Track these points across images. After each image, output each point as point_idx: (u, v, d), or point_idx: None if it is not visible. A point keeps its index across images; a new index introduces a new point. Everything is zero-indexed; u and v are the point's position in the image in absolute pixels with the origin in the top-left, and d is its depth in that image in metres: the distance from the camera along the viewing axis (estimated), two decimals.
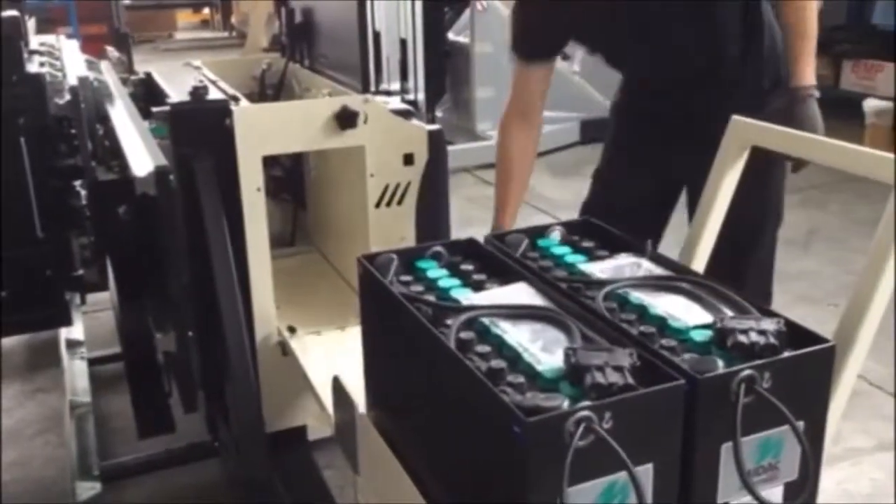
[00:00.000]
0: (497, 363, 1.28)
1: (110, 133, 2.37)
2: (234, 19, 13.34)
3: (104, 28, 9.04)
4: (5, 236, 2.31)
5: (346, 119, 2.30)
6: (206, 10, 15.23)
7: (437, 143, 2.45)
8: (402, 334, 1.51)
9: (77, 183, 2.48)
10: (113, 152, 2.31)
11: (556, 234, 1.78)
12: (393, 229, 2.45)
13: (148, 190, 1.94)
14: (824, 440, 1.37)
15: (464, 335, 1.37)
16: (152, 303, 2.25)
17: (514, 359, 1.32)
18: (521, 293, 1.53)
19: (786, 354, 1.27)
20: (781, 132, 1.84)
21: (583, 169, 6.13)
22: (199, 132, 2.20)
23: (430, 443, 1.50)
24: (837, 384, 1.49)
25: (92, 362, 3.25)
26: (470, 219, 4.84)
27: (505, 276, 1.60)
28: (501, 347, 1.36)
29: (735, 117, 1.88)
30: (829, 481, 2.58)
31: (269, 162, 2.63)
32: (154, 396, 2.21)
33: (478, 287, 1.57)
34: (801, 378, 1.28)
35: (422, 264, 1.66)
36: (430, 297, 1.52)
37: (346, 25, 3.02)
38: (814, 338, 1.31)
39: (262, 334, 2.41)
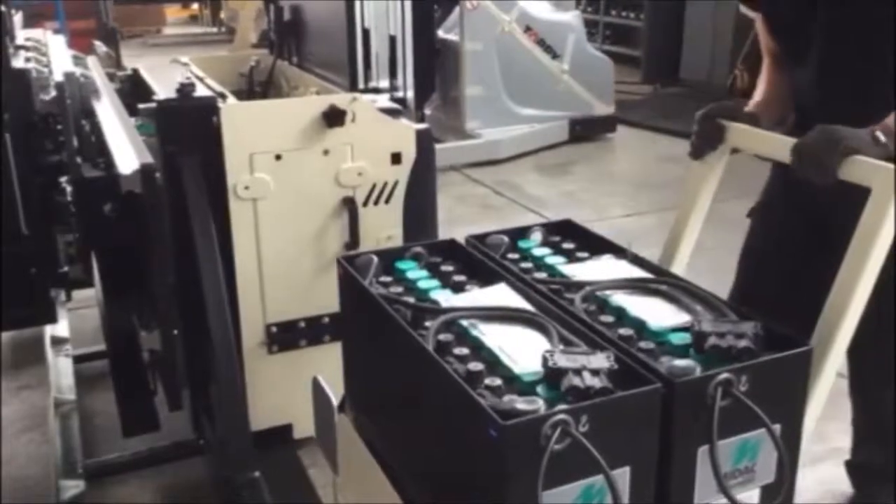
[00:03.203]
0: (475, 366, 1.28)
1: (96, 129, 2.35)
2: (223, 15, 13.29)
3: (92, 23, 8.99)
4: None
5: (333, 117, 2.29)
6: (195, 6, 15.17)
7: (424, 143, 2.45)
8: (380, 336, 1.51)
9: (62, 179, 2.47)
10: (99, 149, 2.30)
11: (536, 236, 1.78)
12: (380, 228, 2.45)
13: (134, 187, 1.93)
14: (801, 442, 1.38)
15: (442, 337, 1.37)
16: (138, 300, 2.24)
17: (493, 361, 1.32)
18: (501, 295, 1.53)
19: (763, 358, 1.27)
20: (757, 133, 1.84)
21: (571, 168, 6.17)
22: (186, 129, 2.19)
23: (409, 444, 1.49)
24: (815, 386, 1.48)
25: (77, 359, 3.23)
26: (458, 218, 4.85)
27: (485, 277, 1.59)
28: (480, 350, 1.35)
29: (716, 122, 1.87)
30: (812, 481, 2.58)
31: None
32: (139, 394, 2.20)
33: (458, 288, 1.57)
34: (777, 381, 1.29)
35: (402, 265, 1.65)
36: (410, 299, 1.52)
37: (334, 23, 3.02)
38: (791, 341, 1.31)
39: (248, 332, 2.40)
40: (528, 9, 6.52)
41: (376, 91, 5.35)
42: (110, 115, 2.37)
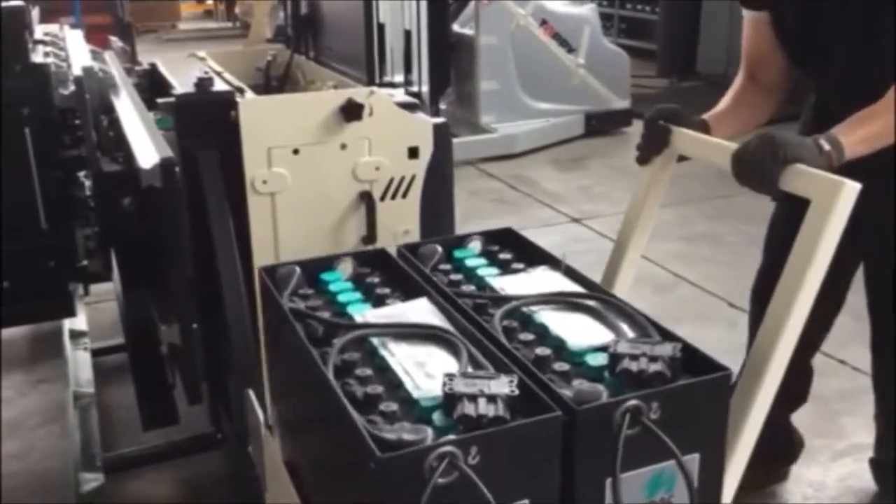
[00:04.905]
0: (373, 389, 1.23)
1: (115, 124, 2.36)
2: (237, 10, 13.33)
3: (108, 18, 9.01)
4: (9, 227, 2.31)
5: (351, 112, 2.29)
6: (210, 1, 15.22)
7: (442, 137, 2.45)
8: (290, 352, 1.46)
9: (81, 174, 2.48)
10: (118, 143, 2.31)
11: (475, 245, 1.74)
12: (397, 222, 2.44)
13: (153, 182, 1.93)
14: (724, 470, 1.32)
15: (348, 356, 1.32)
16: (156, 294, 2.25)
17: (395, 384, 1.26)
18: (420, 310, 1.47)
19: (675, 383, 1.21)
20: (700, 139, 1.80)
21: (586, 162, 6.15)
22: (204, 124, 2.19)
23: (316, 468, 1.46)
24: (750, 409, 1.44)
25: (95, 353, 3.25)
26: (474, 212, 4.85)
27: (410, 290, 1.54)
28: (384, 371, 1.30)
29: (659, 123, 1.84)
30: (832, 477, 2.57)
31: None
32: (158, 388, 2.21)
33: (379, 302, 1.52)
34: (694, 407, 1.22)
35: (326, 276, 1.62)
36: (325, 313, 1.47)
37: (351, 17, 3.02)
38: (712, 364, 1.25)
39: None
40: (543, 2, 6.50)
41: (391, 86, 5.35)
42: (129, 110, 2.38)
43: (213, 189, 2.16)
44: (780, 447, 2.48)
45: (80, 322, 3.36)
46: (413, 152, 2.42)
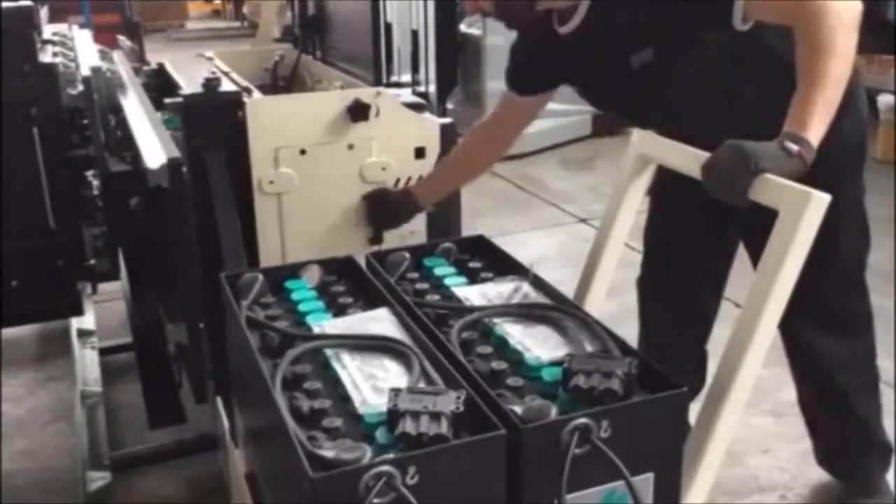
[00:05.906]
0: (321, 403, 1.20)
1: (123, 124, 2.37)
2: (245, 9, 13.37)
3: (116, 17, 9.04)
4: (18, 226, 2.32)
5: (358, 112, 2.29)
6: (218, 1, 15.25)
7: (449, 137, 2.45)
8: (245, 363, 1.45)
9: (89, 173, 2.49)
10: (126, 143, 2.31)
11: (445, 253, 1.72)
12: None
13: (161, 182, 1.94)
14: (682, 488, 1.29)
15: (299, 369, 1.30)
16: (164, 293, 2.25)
17: (343, 398, 1.24)
18: (379, 321, 1.44)
19: (627, 402, 1.18)
20: (668, 144, 1.78)
21: (594, 163, 6.15)
22: (211, 124, 2.20)
23: (268, 478, 1.45)
24: (715, 424, 1.42)
25: (103, 352, 3.26)
26: (480, 212, 4.85)
27: (374, 300, 1.52)
28: (334, 384, 1.27)
29: (637, 131, 1.85)
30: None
31: None
32: (165, 387, 2.22)
33: (340, 312, 1.50)
34: (648, 425, 1.19)
35: (290, 284, 1.60)
36: (284, 323, 1.44)
37: (358, 17, 3.02)
38: (667, 381, 1.22)
39: None
40: None
41: (398, 86, 5.35)
42: (137, 110, 2.38)
43: (220, 189, 2.17)
44: None
45: (87, 321, 3.38)
46: (420, 153, 2.43)
